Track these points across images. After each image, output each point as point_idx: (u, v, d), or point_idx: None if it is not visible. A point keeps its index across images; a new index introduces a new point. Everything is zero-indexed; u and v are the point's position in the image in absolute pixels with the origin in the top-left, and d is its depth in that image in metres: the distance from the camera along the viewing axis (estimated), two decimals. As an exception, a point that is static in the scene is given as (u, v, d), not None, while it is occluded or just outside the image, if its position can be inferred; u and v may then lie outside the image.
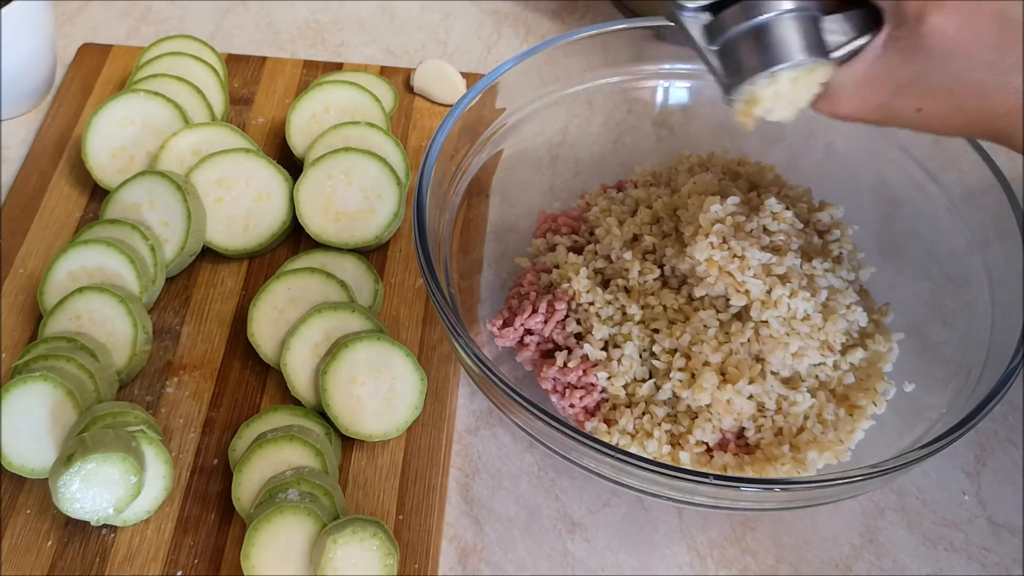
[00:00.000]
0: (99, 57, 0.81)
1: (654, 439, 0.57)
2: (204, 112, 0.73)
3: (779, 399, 0.58)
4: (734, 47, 0.48)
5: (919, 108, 0.46)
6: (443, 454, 0.61)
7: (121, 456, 0.54)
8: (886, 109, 0.47)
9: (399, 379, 0.60)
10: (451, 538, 0.59)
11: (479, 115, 0.65)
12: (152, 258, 0.65)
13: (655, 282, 0.62)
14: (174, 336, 0.66)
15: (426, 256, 0.56)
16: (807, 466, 0.57)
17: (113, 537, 0.57)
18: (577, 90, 0.70)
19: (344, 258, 0.67)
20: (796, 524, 0.60)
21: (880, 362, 0.60)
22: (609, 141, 0.74)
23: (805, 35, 0.47)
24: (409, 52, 0.86)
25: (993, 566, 0.59)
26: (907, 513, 0.61)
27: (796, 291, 0.58)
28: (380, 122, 0.73)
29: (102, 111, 0.70)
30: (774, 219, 0.60)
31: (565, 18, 0.89)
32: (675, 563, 0.59)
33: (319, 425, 0.60)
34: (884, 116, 0.47)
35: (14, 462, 0.57)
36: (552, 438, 0.53)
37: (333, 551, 0.52)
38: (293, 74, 0.81)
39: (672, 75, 0.71)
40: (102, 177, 0.70)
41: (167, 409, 0.62)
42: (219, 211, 0.68)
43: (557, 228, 0.68)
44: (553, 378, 0.60)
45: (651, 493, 0.53)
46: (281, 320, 0.63)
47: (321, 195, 0.67)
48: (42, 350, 0.59)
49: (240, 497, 0.57)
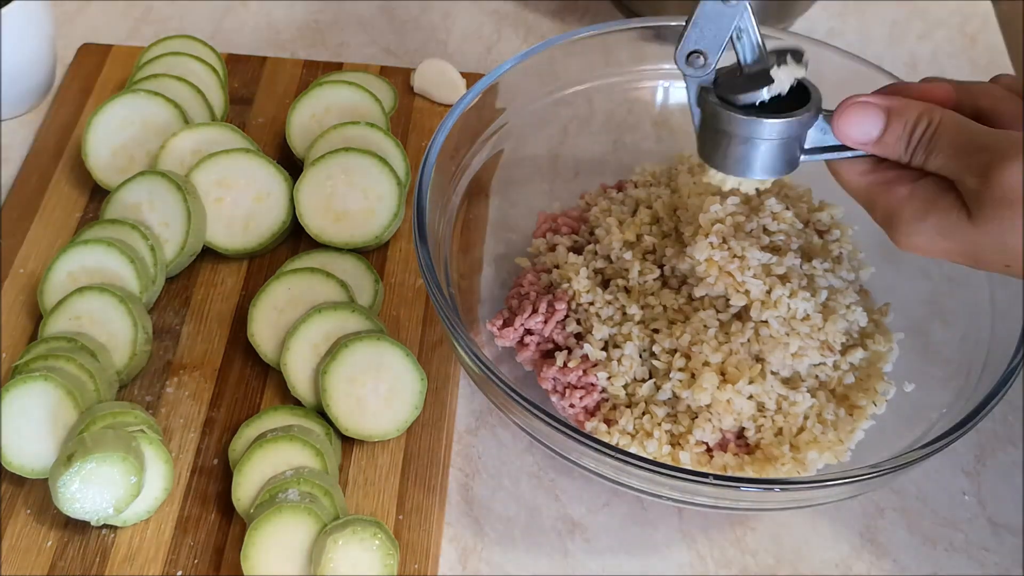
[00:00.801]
0: (99, 57, 0.81)
1: (654, 439, 0.57)
2: (204, 112, 0.73)
3: (779, 399, 0.58)
4: (711, 136, 0.49)
5: (1007, 265, 0.44)
6: (443, 454, 0.61)
7: (121, 456, 0.54)
8: (972, 260, 0.45)
9: (399, 379, 0.60)
10: (451, 538, 0.59)
11: (479, 115, 0.65)
12: (152, 258, 0.65)
13: (655, 282, 0.62)
14: (174, 336, 0.66)
15: (426, 256, 0.56)
16: (807, 466, 0.57)
17: (113, 537, 0.57)
18: (577, 90, 0.70)
19: (344, 258, 0.67)
20: (796, 524, 0.60)
21: (880, 362, 0.60)
22: (609, 141, 0.74)
23: (779, 156, 0.48)
24: (409, 52, 0.86)
25: (993, 566, 0.59)
26: (907, 513, 0.61)
27: (796, 291, 0.58)
28: (380, 122, 0.73)
29: (102, 111, 0.70)
30: (774, 219, 0.60)
31: (565, 18, 0.89)
32: (675, 563, 0.59)
33: (319, 425, 0.60)
34: (972, 264, 0.46)
35: (14, 462, 0.57)
36: (552, 438, 0.53)
37: (333, 551, 0.52)
38: (293, 74, 0.81)
39: (672, 75, 0.71)
40: (102, 177, 0.70)
41: (167, 409, 0.62)
42: (219, 211, 0.68)
43: (557, 228, 0.68)
44: (553, 378, 0.60)
45: (651, 493, 0.53)
46: (281, 320, 0.63)
47: (321, 195, 0.67)
48: (42, 350, 0.59)
49: (240, 497, 0.56)
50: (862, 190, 0.48)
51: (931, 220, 0.45)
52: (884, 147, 0.46)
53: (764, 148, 0.48)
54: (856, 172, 0.48)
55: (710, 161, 0.50)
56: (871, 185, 0.48)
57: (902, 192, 0.46)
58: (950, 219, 0.44)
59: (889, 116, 0.46)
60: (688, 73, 0.48)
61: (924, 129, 0.45)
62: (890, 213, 0.47)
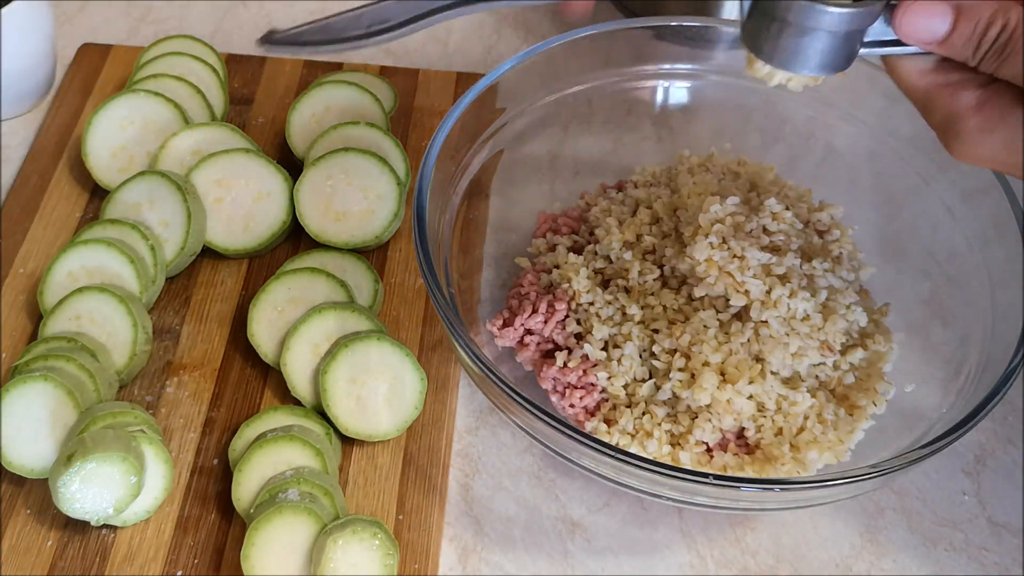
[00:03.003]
0: (99, 57, 0.81)
1: (654, 439, 0.58)
2: (204, 112, 0.73)
3: (779, 399, 0.58)
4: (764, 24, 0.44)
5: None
6: (443, 454, 0.61)
7: (121, 456, 0.54)
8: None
9: (399, 379, 0.60)
10: (451, 538, 0.59)
11: (479, 115, 0.65)
12: (152, 258, 0.65)
13: (655, 282, 0.62)
14: (174, 336, 0.66)
15: (426, 256, 0.56)
16: (807, 466, 0.57)
17: (113, 537, 0.57)
18: (577, 90, 0.70)
19: (344, 258, 0.67)
20: (796, 524, 0.60)
21: (880, 362, 0.60)
22: (609, 141, 0.74)
23: (839, 50, 0.44)
24: (409, 52, 0.86)
25: (993, 566, 0.59)
26: (907, 513, 0.61)
27: (796, 291, 0.58)
28: (380, 122, 0.73)
29: (102, 111, 0.70)
30: (774, 219, 0.60)
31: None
32: (675, 563, 0.59)
33: (319, 425, 0.60)
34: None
35: (14, 462, 0.57)
36: (552, 438, 0.53)
37: (333, 551, 0.52)
38: (293, 74, 0.81)
39: (672, 75, 0.71)
40: (102, 177, 0.70)
41: (167, 409, 0.62)
42: (219, 211, 0.68)
43: (557, 228, 0.68)
44: (553, 378, 0.60)
45: (651, 493, 0.53)
46: (281, 320, 0.63)
47: (321, 195, 0.67)
48: (42, 350, 0.59)
49: (240, 497, 0.56)
50: (920, 91, 0.44)
51: (999, 134, 0.42)
52: (951, 48, 0.42)
53: (825, 40, 0.43)
54: (916, 71, 0.44)
55: (759, 52, 0.45)
56: (932, 86, 0.44)
57: (968, 99, 0.43)
58: (1021, 135, 0.41)
59: (958, 14, 0.41)
60: None
61: (997, 33, 0.41)
62: (952, 120, 0.43)
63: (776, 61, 0.45)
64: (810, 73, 0.45)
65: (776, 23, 0.44)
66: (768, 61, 0.45)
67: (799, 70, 0.45)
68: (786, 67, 0.45)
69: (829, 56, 0.44)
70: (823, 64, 0.44)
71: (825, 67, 0.44)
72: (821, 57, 0.44)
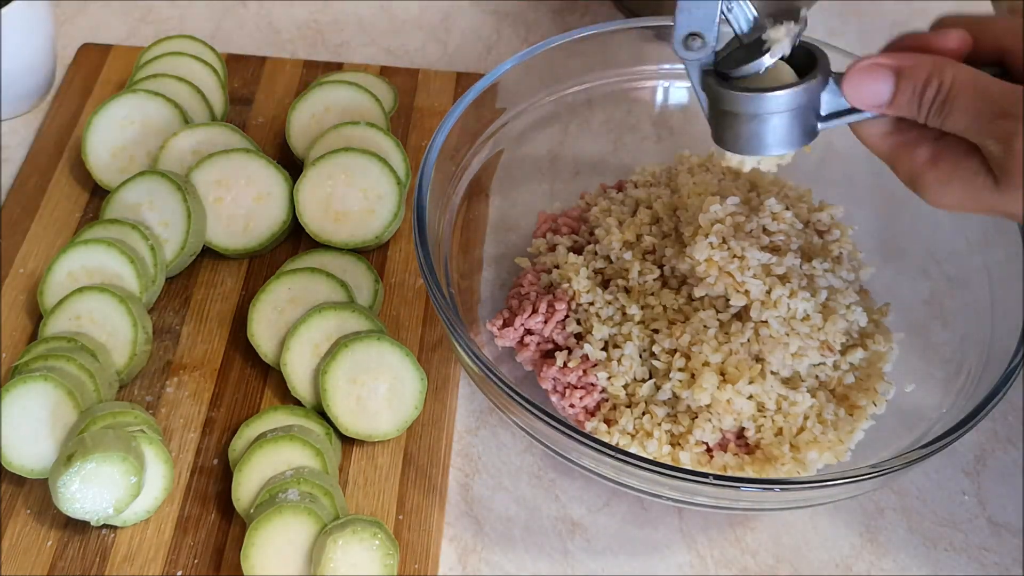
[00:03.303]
0: (99, 57, 0.81)
1: (654, 439, 0.58)
2: (204, 112, 0.73)
3: (779, 399, 0.58)
4: (720, 119, 0.47)
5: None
6: (443, 454, 0.61)
7: (121, 456, 0.54)
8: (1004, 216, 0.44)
9: (399, 379, 0.60)
10: (451, 538, 0.59)
11: (479, 115, 0.65)
12: (152, 258, 0.65)
13: (655, 282, 0.62)
14: (174, 336, 0.66)
15: (426, 256, 0.56)
16: (807, 466, 0.57)
17: (113, 537, 0.57)
18: (577, 90, 0.70)
19: (344, 258, 0.67)
20: (796, 524, 0.60)
21: (880, 362, 0.60)
22: (609, 141, 0.74)
23: (793, 128, 0.46)
24: (409, 52, 0.86)
25: (993, 566, 0.59)
26: (907, 513, 0.61)
27: (796, 291, 0.58)
28: (380, 122, 0.73)
29: (102, 111, 0.70)
30: (774, 219, 0.60)
31: (565, 18, 0.89)
32: (675, 563, 0.59)
33: (319, 425, 0.60)
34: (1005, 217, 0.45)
35: (14, 462, 0.57)
36: (552, 438, 0.53)
37: (333, 551, 0.52)
38: (293, 74, 0.81)
39: (672, 75, 0.71)
40: (102, 177, 0.70)
41: (167, 409, 0.62)
42: (219, 211, 0.68)
43: (557, 228, 0.68)
44: (553, 378, 0.60)
45: (651, 493, 0.53)
46: (281, 320, 0.63)
47: (321, 195, 0.67)
48: (42, 350, 0.59)
49: (240, 497, 0.56)
50: (884, 152, 0.47)
51: (955, 184, 0.44)
52: (898, 109, 0.44)
53: (775, 122, 0.46)
54: (877, 134, 0.47)
55: (724, 144, 0.48)
56: (892, 147, 0.46)
57: (923, 154, 0.45)
58: (975, 184, 0.43)
59: (898, 77, 0.44)
60: (688, 58, 0.47)
61: (936, 90, 0.43)
62: (913, 176, 0.45)
63: (739, 149, 0.48)
64: (774, 153, 0.47)
65: (729, 116, 0.47)
66: (733, 151, 0.48)
67: (763, 152, 0.47)
68: (751, 152, 0.47)
69: (787, 134, 0.46)
70: (783, 142, 0.46)
71: (786, 144, 0.47)
72: (779, 136, 0.46)
